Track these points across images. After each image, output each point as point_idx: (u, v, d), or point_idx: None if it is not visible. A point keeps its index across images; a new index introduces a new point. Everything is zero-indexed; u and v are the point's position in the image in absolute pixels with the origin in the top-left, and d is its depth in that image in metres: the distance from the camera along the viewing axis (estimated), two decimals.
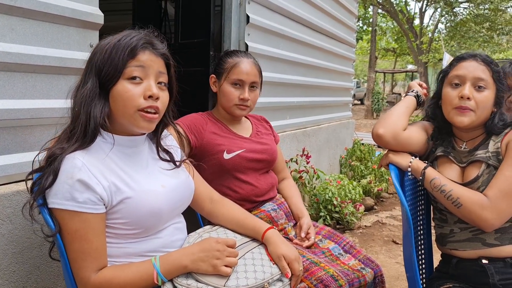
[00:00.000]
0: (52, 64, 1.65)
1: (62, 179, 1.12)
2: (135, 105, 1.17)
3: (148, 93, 1.18)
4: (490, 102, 1.51)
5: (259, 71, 1.86)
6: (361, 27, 22.88)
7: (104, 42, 1.20)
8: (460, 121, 1.51)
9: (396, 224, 3.98)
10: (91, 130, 1.15)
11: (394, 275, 2.91)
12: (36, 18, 1.60)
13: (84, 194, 1.11)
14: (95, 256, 1.15)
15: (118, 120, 1.21)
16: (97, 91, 1.16)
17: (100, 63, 1.17)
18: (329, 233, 1.82)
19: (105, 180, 1.15)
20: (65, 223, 1.13)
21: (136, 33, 1.22)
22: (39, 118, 1.62)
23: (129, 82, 1.17)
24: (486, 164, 1.48)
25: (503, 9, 16.02)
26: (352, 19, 5.72)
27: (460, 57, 1.58)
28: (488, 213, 1.39)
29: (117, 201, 1.16)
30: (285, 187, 2.00)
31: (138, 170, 1.25)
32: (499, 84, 1.52)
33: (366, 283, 1.59)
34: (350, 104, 6.02)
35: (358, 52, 27.13)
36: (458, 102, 1.51)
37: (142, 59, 1.18)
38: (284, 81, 3.72)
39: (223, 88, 1.81)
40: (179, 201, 1.33)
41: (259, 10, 3.24)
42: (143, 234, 1.23)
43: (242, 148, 1.79)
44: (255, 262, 1.27)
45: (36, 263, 1.61)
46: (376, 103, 17.59)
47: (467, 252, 1.52)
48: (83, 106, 1.15)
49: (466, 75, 1.51)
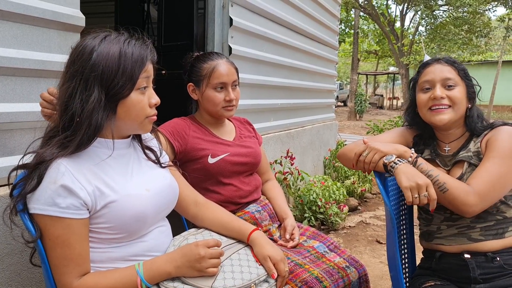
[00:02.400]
0: (32, 67, 1.63)
1: (45, 185, 1.10)
2: (145, 114, 1.23)
3: (153, 101, 1.24)
4: (463, 98, 1.57)
5: (235, 68, 1.85)
6: (344, 29, 23.12)
7: (105, 49, 1.14)
8: (440, 119, 1.56)
9: (380, 224, 4.03)
10: (90, 137, 1.14)
11: (378, 274, 2.94)
12: (16, 20, 1.57)
13: (67, 199, 1.10)
14: (78, 262, 1.13)
15: (121, 125, 1.22)
16: (102, 101, 1.13)
17: (109, 73, 1.13)
18: (313, 234, 1.83)
19: (89, 185, 1.13)
20: (47, 229, 1.11)
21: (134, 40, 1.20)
22: (19, 122, 1.60)
23: (139, 93, 1.20)
24: (469, 163, 1.53)
25: (481, 12, 16.38)
26: (334, 21, 5.77)
27: (425, 63, 1.65)
28: (471, 198, 1.43)
29: (101, 205, 1.15)
30: (269, 189, 2.00)
31: (122, 174, 1.24)
32: (467, 81, 1.60)
33: (350, 282, 1.61)
34: (333, 106, 6.07)
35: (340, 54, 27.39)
36: (432, 102, 1.57)
37: (148, 69, 1.21)
38: (267, 83, 3.73)
39: (207, 94, 1.80)
40: (164, 204, 1.32)
41: (242, 13, 3.25)
42: (127, 238, 1.22)
43: (226, 152, 1.79)
44: (242, 263, 1.28)
45: (17, 270, 1.58)
46: (359, 105, 17.77)
47: (452, 246, 1.55)
48: (86, 117, 1.11)
49: (434, 78, 1.58)
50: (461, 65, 1.61)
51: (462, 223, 1.53)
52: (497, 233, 1.50)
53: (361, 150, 1.56)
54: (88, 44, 1.15)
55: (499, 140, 1.49)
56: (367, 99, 18.98)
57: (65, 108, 1.14)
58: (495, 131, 1.53)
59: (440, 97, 1.55)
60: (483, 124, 1.59)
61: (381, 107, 26.24)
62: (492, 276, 1.46)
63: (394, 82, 30.25)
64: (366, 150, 1.55)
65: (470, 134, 1.61)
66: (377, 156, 1.52)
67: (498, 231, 1.50)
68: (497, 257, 1.47)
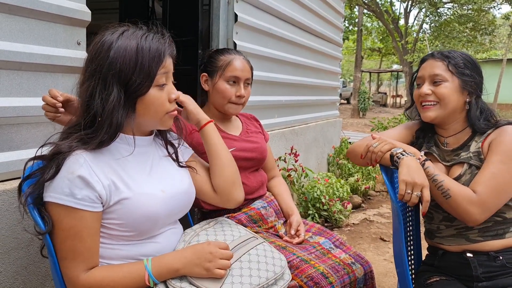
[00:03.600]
0: (39, 62, 1.63)
1: (63, 174, 1.10)
2: (165, 110, 1.23)
3: (173, 96, 1.24)
4: (451, 92, 1.55)
5: (251, 68, 1.87)
6: (347, 27, 23.04)
7: (122, 45, 1.14)
8: (426, 116, 1.59)
9: (384, 222, 4.02)
10: (112, 135, 1.15)
11: (382, 271, 2.93)
12: (22, 14, 1.57)
13: (83, 191, 1.10)
14: (87, 256, 1.13)
15: (141, 122, 1.23)
16: (122, 100, 1.14)
17: (127, 70, 1.13)
18: (319, 230, 1.83)
19: (105, 179, 1.14)
20: (60, 220, 1.11)
21: (152, 34, 1.20)
22: (26, 117, 1.60)
23: (158, 89, 1.20)
24: (468, 164, 1.52)
25: (486, 9, 16.29)
26: (339, 18, 5.75)
27: (422, 59, 1.66)
28: (475, 208, 1.41)
29: (114, 201, 1.15)
30: (275, 185, 2.00)
31: (140, 171, 1.24)
32: (459, 75, 1.55)
33: (356, 279, 1.60)
34: (337, 103, 6.06)
35: (344, 52, 27.33)
36: (421, 99, 1.60)
37: (166, 64, 1.21)
38: (272, 80, 3.72)
39: (218, 85, 1.80)
40: (177, 208, 1.31)
41: (247, 9, 3.24)
42: (137, 237, 1.22)
43: (232, 147, 1.78)
44: (251, 265, 1.26)
45: (23, 264, 1.59)
46: (362, 103, 17.73)
47: (452, 246, 1.55)
48: (107, 116, 1.12)
49: (424, 74, 1.61)
50: (456, 59, 1.57)
51: (460, 224, 1.53)
52: (497, 234, 1.49)
53: (372, 142, 1.57)
54: (106, 41, 1.15)
55: (503, 143, 1.46)
56: (370, 97, 18.92)
57: (86, 108, 1.15)
58: (499, 132, 1.50)
59: (425, 94, 1.57)
60: (487, 122, 1.55)
61: (384, 105, 26.17)
62: (494, 274, 1.45)
63: (397, 80, 30.17)
64: (377, 141, 1.55)
65: (473, 131, 1.58)
66: (386, 146, 1.52)
67: (498, 232, 1.49)
68: (499, 256, 1.46)
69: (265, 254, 1.32)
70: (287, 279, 1.32)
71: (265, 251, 1.33)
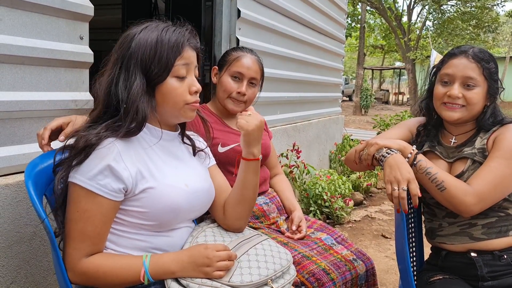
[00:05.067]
0: (41, 56, 1.62)
1: (92, 158, 1.13)
2: (184, 100, 1.23)
3: (194, 89, 1.24)
4: (480, 98, 1.51)
5: (261, 69, 1.85)
6: (350, 24, 22.97)
7: (143, 36, 1.19)
8: (450, 116, 1.53)
9: (385, 219, 4.02)
10: (140, 125, 1.18)
11: (383, 268, 2.93)
12: (25, 8, 1.57)
13: (107, 178, 1.12)
14: (95, 241, 1.15)
15: (162, 112, 1.25)
16: (144, 87, 1.18)
17: (146, 60, 1.18)
18: (321, 227, 1.83)
19: (133, 167, 1.16)
20: (78, 201, 1.13)
21: (174, 27, 1.23)
22: (28, 111, 1.60)
23: (176, 80, 1.21)
24: (472, 160, 1.50)
25: (489, 7, 16.21)
26: (342, 15, 5.73)
27: (451, 53, 1.57)
28: (470, 198, 1.40)
29: (140, 189, 1.17)
30: (278, 182, 2.00)
31: (166, 163, 1.26)
32: (490, 80, 1.51)
33: (358, 275, 1.61)
34: (340, 100, 6.04)
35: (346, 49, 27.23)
36: (447, 99, 1.52)
37: (186, 56, 1.22)
38: (274, 76, 3.72)
39: (222, 79, 1.81)
40: (198, 205, 1.33)
41: (250, 5, 3.23)
42: (156, 228, 1.23)
43: (236, 142, 1.78)
44: (259, 258, 1.27)
45: (26, 258, 1.59)
46: (365, 100, 17.70)
47: (455, 245, 1.53)
48: (132, 103, 1.16)
49: (456, 73, 1.51)
50: (488, 63, 1.51)
51: (463, 220, 1.51)
52: (500, 231, 1.48)
53: (361, 148, 1.55)
54: (131, 33, 1.22)
55: (506, 139, 1.45)
56: (372, 94, 18.88)
57: (109, 97, 1.18)
58: (504, 129, 1.49)
59: (456, 97, 1.49)
60: (493, 120, 1.54)
61: (386, 102, 26.13)
62: (499, 274, 1.45)
63: (400, 77, 30.12)
64: (364, 146, 1.54)
65: (478, 128, 1.57)
66: (372, 149, 1.50)
67: (502, 228, 1.48)
68: (504, 255, 1.45)
69: (271, 249, 1.33)
70: (292, 274, 1.32)
71: (270, 246, 1.35)
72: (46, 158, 1.29)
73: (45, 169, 1.27)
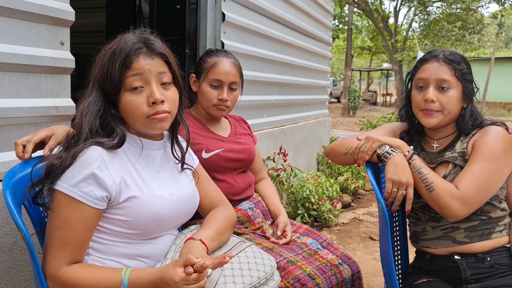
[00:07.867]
0: (21, 62, 1.60)
1: (76, 166, 1.11)
2: (142, 113, 1.19)
3: (151, 99, 1.18)
4: (456, 100, 1.53)
5: (239, 71, 1.83)
6: (337, 25, 23.10)
7: (103, 52, 1.20)
8: (428, 122, 1.55)
9: (373, 221, 4.03)
10: (84, 141, 1.15)
11: (371, 271, 2.94)
12: (4, 14, 1.54)
13: (90, 186, 1.11)
14: (75, 250, 1.13)
15: (132, 126, 1.24)
16: (100, 104, 1.18)
17: (100, 77, 1.18)
18: (306, 231, 1.82)
19: (117, 175, 1.15)
20: (60, 207, 1.12)
21: (129, 37, 1.20)
22: (8, 118, 1.57)
23: (131, 93, 1.18)
24: (453, 164, 1.52)
25: (474, 8, 16.42)
26: (328, 17, 5.76)
27: (423, 59, 1.59)
28: (455, 203, 1.42)
29: (124, 198, 1.16)
30: (263, 187, 1.99)
31: (150, 173, 1.25)
32: (464, 81, 1.53)
33: (343, 279, 1.60)
34: (327, 102, 6.07)
35: (334, 50, 27.39)
36: (424, 105, 1.54)
37: (137, 66, 1.17)
38: (261, 79, 3.71)
39: (202, 88, 1.79)
40: (182, 212, 1.32)
41: (235, 8, 3.22)
42: (140, 237, 1.22)
43: (220, 147, 1.77)
44: (242, 266, 1.26)
45: (6, 268, 1.56)
46: (353, 101, 17.80)
47: (438, 249, 1.55)
48: (78, 120, 1.17)
49: (429, 77, 1.53)
50: (459, 65, 1.53)
51: (446, 224, 1.52)
52: (483, 234, 1.49)
53: (361, 144, 1.55)
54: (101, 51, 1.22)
55: (486, 142, 1.46)
56: (360, 95, 18.99)
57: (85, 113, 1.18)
58: (483, 132, 1.51)
59: (431, 100, 1.51)
60: (473, 123, 1.55)
61: (374, 104, 26.31)
62: (483, 276, 1.46)
63: (387, 78, 30.34)
64: (364, 141, 1.54)
65: (458, 132, 1.58)
66: (375, 144, 1.52)
67: (484, 232, 1.49)
68: (487, 257, 1.47)
69: (254, 256, 1.32)
70: (276, 280, 1.32)
71: (253, 252, 1.34)
72: (25, 166, 1.26)
73: (24, 178, 1.24)
